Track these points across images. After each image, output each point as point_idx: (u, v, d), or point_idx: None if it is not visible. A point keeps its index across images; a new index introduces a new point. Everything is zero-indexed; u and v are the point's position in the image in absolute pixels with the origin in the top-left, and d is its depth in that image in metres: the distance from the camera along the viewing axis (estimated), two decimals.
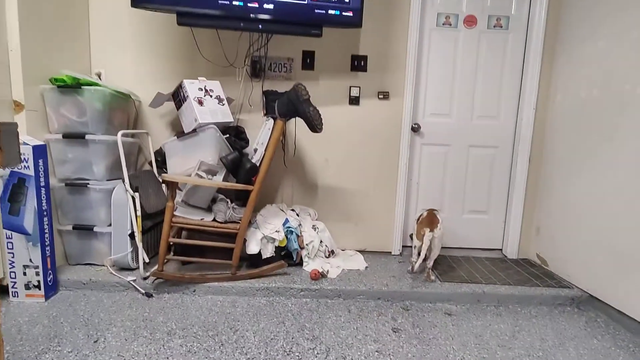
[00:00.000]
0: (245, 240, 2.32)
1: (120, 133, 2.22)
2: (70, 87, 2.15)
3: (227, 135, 2.40)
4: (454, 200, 2.93)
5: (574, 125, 2.44)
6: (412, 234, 2.72)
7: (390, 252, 2.90)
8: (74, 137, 2.20)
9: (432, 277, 2.36)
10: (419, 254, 2.29)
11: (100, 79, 2.58)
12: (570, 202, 2.44)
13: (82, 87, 2.16)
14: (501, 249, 2.99)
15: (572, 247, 2.40)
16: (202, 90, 2.26)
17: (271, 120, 2.25)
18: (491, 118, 2.84)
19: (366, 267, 2.57)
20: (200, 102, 2.21)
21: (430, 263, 2.36)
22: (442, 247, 2.86)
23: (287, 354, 1.66)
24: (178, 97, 2.27)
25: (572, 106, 2.47)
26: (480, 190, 2.92)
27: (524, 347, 1.80)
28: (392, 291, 2.23)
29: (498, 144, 2.87)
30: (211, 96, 2.28)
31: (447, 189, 2.92)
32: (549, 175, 2.67)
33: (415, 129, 2.81)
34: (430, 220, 2.33)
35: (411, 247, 2.52)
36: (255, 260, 2.36)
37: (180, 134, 2.28)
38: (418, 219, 2.47)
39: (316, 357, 1.65)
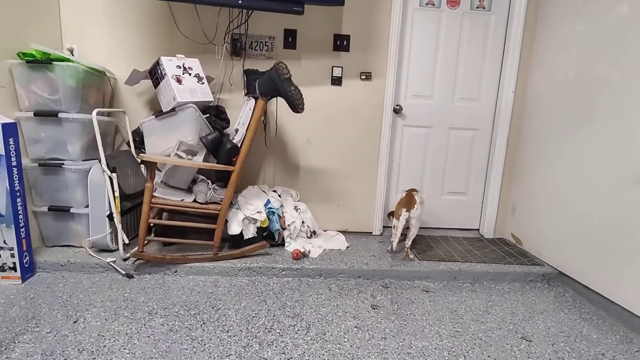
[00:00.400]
0: (226, 221, 2.32)
1: (95, 111, 2.15)
2: (40, 62, 2.06)
3: (207, 115, 2.36)
4: (433, 182, 2.99)
5: (551, 108, 2.50)
6: (390, 214, 2.78)
7: (371, 233, 2.95)
8: (46, 115, 2.12)
9: (411, 256, 2.42)
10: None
11: (72, 54, 2.48)
12: (544, 184, 2.52)
13: (53, 62, 2.07)
14: (478, 229, 3.09)
15: (545, 226, 2.49)
16: (180, 68, 2.20)
17: (252, 100, 2.22)
18: (472, 100, 2.87)
19: (347, 247, 2.61)
20: (179, 80, 2.16)
21: (408, 242, 2.41)
22: (422, 227, 2.94)
23: (268, 331, 1.69)
24: (155, 74, 2.20)
25: (549, 88, 2.52)
26: (460, 172, 2.98)
27: (496, 320, 1.89)
28: (372, 270, 2.29)
29: (478, 126, 2.92)
30: (190, 74, 2.23)
31: (427, 170, 2.97)
32: (526, 157, 2.74)
33: (397, 110, 2.82)
34: (408, 200, 2.38)
35: (391, 227, 2.57)
36: (237, 241, 2.37)
37: (158, 113, 2.22)
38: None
39: (297, 333, 1.69)
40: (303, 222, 2.61)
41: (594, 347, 1.70)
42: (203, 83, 2.28)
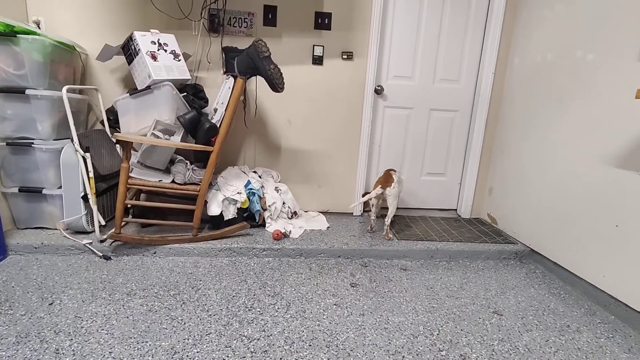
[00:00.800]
0: (206, 202, 2.30)
1: (65, 88, 2.06)
2: (3, 35, 1.94)
3: (185, 94, 2.30)
4: (413, 163, 3.02)
5: (528, 90, 2.54)
6: (365, 194, 2.80)
7: (352, 213, 2.98)
8: (12, 91, 2.02)
9: (390, 236, 2.47)
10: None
11: (39, 27, 2.35)
12: (519, 165, 2.59)
13: (18, 35, 1.96)
14: (456, 209, 3.16)
15: (519, 206, 2.57)
16: (155, 43, 2.11)
17: (231, 79, 2.17)
18: (453, 82, 2.89)
19: (328, 227, 2.64)
20: (154, 57, 2.08)
21: (388, 221, 2.45)
22: (401, 207, 2.99)
23: (249, 310, 1.71)
24: (129, 50, 2.12)
25: (528, 70, 2.55)
26: (440, 153, 3.02)
27: (470, 296, 1.96)
28: (351, 249, 2.32)
29: (458, 107, 2.94)
30: (165, 51, 2.15)
31: (408, 151, 2.99)
32: (503, 139, 2.80)
33: (379, 91, 2.81)
34: (385, 179, 2.42)
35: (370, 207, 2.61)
36: (217, 222, 2.36)
37: (133, 90, 2.15)
38: None
39: (277, 311, 1.71)
40: (284, 203, 2.61)
41: (560, 319, 1.79)
42: (179, 60, 2.21)
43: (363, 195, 2.90)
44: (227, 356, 1.40)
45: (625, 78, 1.83)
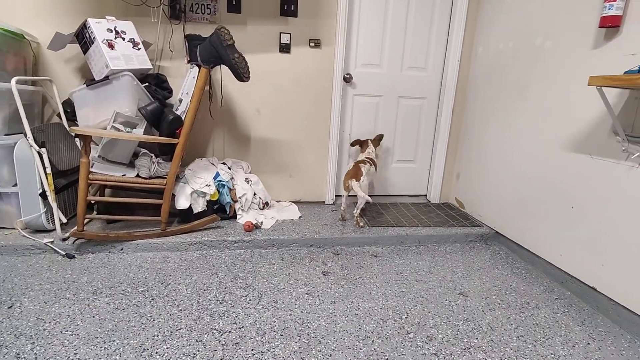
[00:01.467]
0: (174, 196, 2.24)
1: (14, 80, 1.93)
2: None
3: (147, 84, 2.22)
4: (384, 150, 3.06)
5: (492, 77, 2.60)
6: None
7: (324, 202, 3.00)
8: None
9: (361, 224, 2.50)
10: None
11: None
12: (484, 151, 2.67)
13: None
14: (426, 195, 3.23)
15: (485, 190, 2.66)
16: (112, 31, 2.01)
17: (196, 68, 2.11)
18: (420, 69, 2.92)
19: (300, 217, 2.64)
20: (111, 46, 1.98)
21: (356, 212, 2.49)
22: (372, 195, 3.02)
23: (220, 303, 1.70)
24: (83, 39, 2.01)
25: (491, 58, 2.61)
26: (409, 140, 3.07)
27: (437, 279, 2.02)
28: (323, 238, 2.34)
29: (426, 95, 2.99)
30: (124, 39, 2.05)
31: None
32: (469, 126, 2.87)
33: (347, 79, 2.80)
34: (354, 172, 2.43)
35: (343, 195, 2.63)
36: (187, 216, 2.31)
37: (90, 81, 2.05)
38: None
39: (248, 303, 1.71)
40: (255, 194, 2.59)
41: (521, 297, 1.89)
42: (139, 49, 2.12)
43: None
44: (198, 350, 1.39)
45: (580, 65, 1.90)
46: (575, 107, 1.93)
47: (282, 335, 1.51)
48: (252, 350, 1.41)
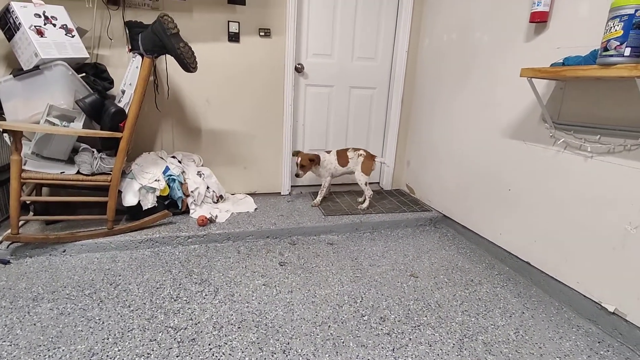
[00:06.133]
0: (120, 193, 2.14)
1: None
2: None
3: (84, 74, 2.07)
4: (337, 140, 3.10)
5: (436, 68, 2.72)
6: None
7: (280, 193, 3.00)
8: None
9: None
10: None
11: None
12: (432, 138, 2.79)
13: None
14: (379, 182, 3.34)
15: (433, 176, 2.80)
16: (40, 17, 1.85)
17: (139, 57, 2.00)
18: (370, 60, 2.98)
19: (256, 209, 2.63)
20: (40, 33, 1.83)
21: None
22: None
23: (174, 300, 1.67)
24: (7, 24, 1.83)
25: (436, 50, 2.73)
26: (361, 129, 3.14)
27: (390, 263, 2.12)
28: (280, 229, 2.35)
29: (376, 85, 3.06)
30: (54, 25, 1.89)
31: (331, 129, 3.06)
32: (417, 114, 2.99)
33: (299, 69, 2.80)
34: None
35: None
36: (136, 212, 2.22)
37: (17, 71, 1.88)
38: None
39: (204, 298, 1.69)
40: (208, 188, 2.53)
41: (466, 275, 2.02)
42: (73, 36, 1.96)
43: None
44: (152, 350, 1.36)
45: (514, 58, 2.04)
46: (510, 96, 2.07)
47: (239, 327, 1.51)
48: (209, 345, 1.40)
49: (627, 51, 1.28)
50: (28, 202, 2.18)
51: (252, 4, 2.54)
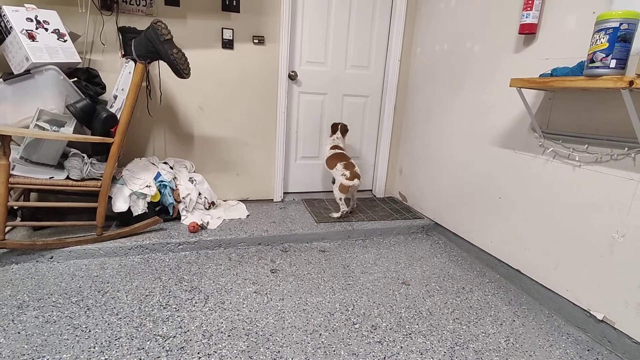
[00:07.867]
0: (110, 198, 2.12)
1: None
2: None
3: (76, 79, 2.06)
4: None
5: (429, 77, 2.75)
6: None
7: (272, 200, 2.99)
8: None
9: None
10: None
11: None
12: (424, 146, 2.82)
13: None
14: (371, 190, 3.35)
15: (425, 184, 2.82)
16: (32, 21, 1.84)
17: (132, 63, 2.00)
18: (363, 68, 3.00)
19: (248, 216, 2.62)
20: (32, 37, 1.81)
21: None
22: (321, 191, 3.08)
23: (164, 308, 1.64)
24: None
25: (428, 59, 2.76)
26: (354, 137, 3.15)
27: (382, 271, 2.11)
28: (271, 236, 2.34)
29: (369, 93, 3.08)
30: (46, 29, 1.88)
31: (324, 136, 3.06)
32: (410, 123, 3.01)
33: (293, 76, 2.81)
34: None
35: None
36: (126, 219, 2.19)
37: (7, 75, 1.86)
38: None
39: (194, 306, 1.67)
40: (200, 194, 2.52)
41: (457, 283, 2.03)
42: (65, 41, 1.96)
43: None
44: (140, 359, 1.34)
45: (504, 68, 2.08)
46: (501, 106, 2.10)
47: (229, 335, 1.49)
48: (198, 353, 1.38)
49: (613, 63, 1.31)
50: (15, 207, 2.15)
51: (246, 11, 2.55)
